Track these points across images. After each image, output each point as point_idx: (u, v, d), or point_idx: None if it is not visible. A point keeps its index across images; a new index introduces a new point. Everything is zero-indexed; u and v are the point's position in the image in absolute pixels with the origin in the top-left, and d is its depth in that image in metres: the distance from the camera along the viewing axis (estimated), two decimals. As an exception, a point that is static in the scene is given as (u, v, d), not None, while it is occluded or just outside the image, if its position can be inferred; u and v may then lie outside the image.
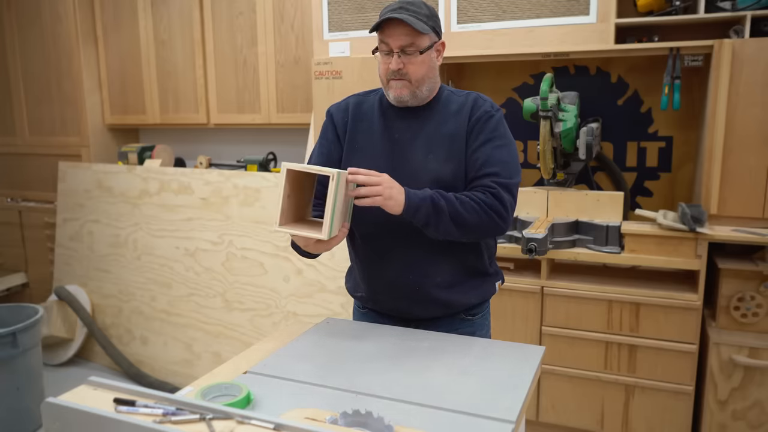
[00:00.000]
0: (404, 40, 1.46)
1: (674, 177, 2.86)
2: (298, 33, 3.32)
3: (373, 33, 1.51)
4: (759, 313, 2.31)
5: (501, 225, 1.47)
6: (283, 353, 1.44)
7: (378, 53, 1.52)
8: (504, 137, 1.53)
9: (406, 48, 1.46)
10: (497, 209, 1.45)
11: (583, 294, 2.46)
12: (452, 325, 1.61)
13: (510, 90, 3.08)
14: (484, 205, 1.43)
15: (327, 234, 1.33)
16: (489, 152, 1.49)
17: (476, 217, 1.43)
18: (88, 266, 3.76)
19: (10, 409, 2.80)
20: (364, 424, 1.05)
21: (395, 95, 1.51)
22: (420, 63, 1.48)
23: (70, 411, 0.98)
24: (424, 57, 1.49)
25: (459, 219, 1.41)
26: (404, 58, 1.47)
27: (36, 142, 4.16)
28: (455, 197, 1.43)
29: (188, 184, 3.42)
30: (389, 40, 1.47)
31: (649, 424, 2.45)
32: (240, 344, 3.16)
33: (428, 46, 1.49)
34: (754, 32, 2.34)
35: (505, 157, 1.50)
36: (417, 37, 1.46)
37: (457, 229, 1.43)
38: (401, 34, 1.45)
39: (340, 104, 1.66)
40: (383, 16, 1.46)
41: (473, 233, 1.47)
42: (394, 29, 1.46)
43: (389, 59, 1.49)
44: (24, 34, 4.04)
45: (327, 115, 1.66)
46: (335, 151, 1.61)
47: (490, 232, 1.49)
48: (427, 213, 1.40)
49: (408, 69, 1.48)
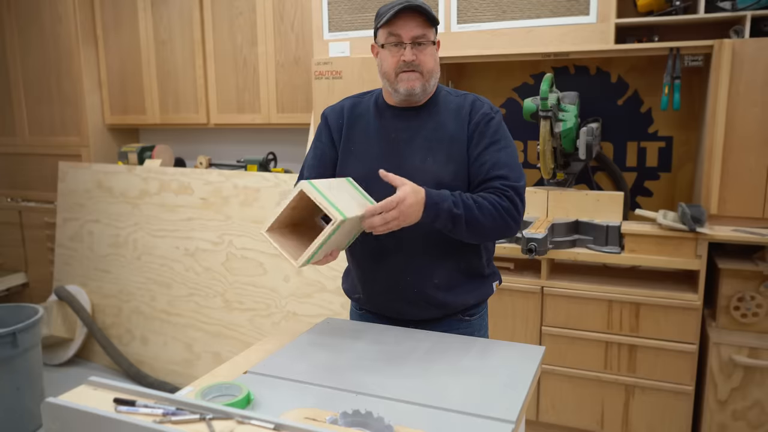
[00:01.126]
0: (417, 31, 1.47)
1: (674, 177, 2.86)
2: (298, 33, 3.32)
3: (367, 35, 1.51)
4: (759, 313, 2.31)
5: (514, 228, 1.49)
6: (283, 353, 1.44)
7: (381, 50, 1.52)
8: (506, 138, 1.54)
9: (419, 38, 1.47)
10: (512, 213, 1.46)
11: (583, 294, 2.46)
12: (450, 327, 1.60)
13: (510, 90, 3.08)
14: (501, 209, 1.44)
15: (302, 263, 1.33)
16: (495, 155, 1.50)
17: (492, 222, 1.44)
18: (88, 266, 3.76)
19: (10, 409, 2.80)
20: (364, 424, 1.05)
21: (406, 88, 1.50)
22: (430, 55, 1.50)
23: (70, 411, 0.98)
24: (433, 50, 1.51)
25: (475, 225, 1.43)
26: (416, 50, 1.48)
27: (36, 142, 4.16)
28: (474, 202, 1.43)
29: (188, 184, 3.42)
30: (401, 32, 1.47)
31: (649, 424, 2.45)
32: (240, 344, 3.16)
33: (435, 40, 1.51)
34: (754, 32, 2.34)
35: (510, 160, 1.52)
36: (428, 28, 1.48)
37: (471, 234, 1.45)
38: (414, 25, 1.46)
39: (334, 107, 1.66)
40: (394, 8, 1.45)
41: (486, 237, 1.50)
42: (407, 21, 1.46)
43: (399, 51, 1.48)
44: (24, 34, 4.04)
45: (322, 118, 1.66)
46: (329, 154, 1.62)
47: (502, 235, 1.50)
48: (444, 223, 1.41)
49: (420, 60, 1.48)
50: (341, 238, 1.40)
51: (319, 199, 1.29)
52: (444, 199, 1.40)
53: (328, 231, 1.29)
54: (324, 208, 1.28)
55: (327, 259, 1.43)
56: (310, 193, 1.30)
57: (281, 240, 1.38)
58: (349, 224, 1.35)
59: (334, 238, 1.34)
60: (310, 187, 1.31)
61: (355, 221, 1.36)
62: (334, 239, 1.35)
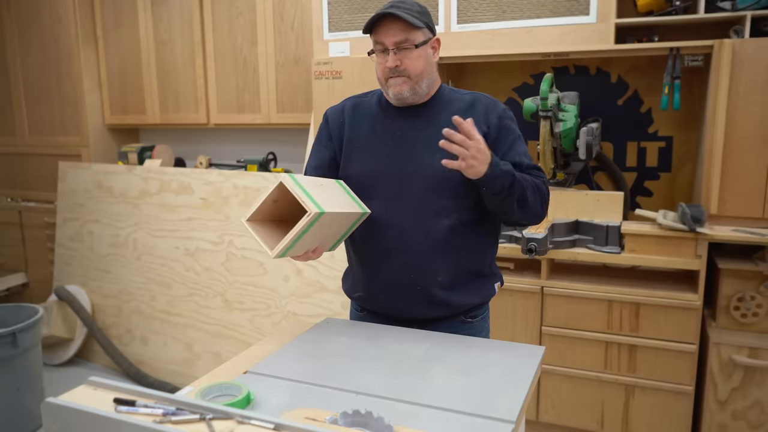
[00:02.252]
0: (398, 36, 1.47)
1: (674, 177, 2.86)
2: (298, 33, 3.32)
3: (367, 35, 1.51)
4: (759, 313, 2.31)
5: (542, 215, 1.56)
6: (283, 353, 1.44)
7: (374, 55, 1.53)
8: (520, 133, 1.61)
9: (401, 44, 1.48)
10: (546, 199, 1.55)
11: (583, 294, 2.46)
12: (451, 328, 1.60)
13: (510, 90, 3.08)
14: (541, 193, 1.52)
15: (276, 253, 1.32)
16: (521, 150, 1.56)
17: (533, 199, 1.49)
18: (88, 266, 3.76)
19: (10, 409, 2.80)
20: (364, 424, 1.05)
21: (395, 92, 1.52)
22: (416, 58, 1.49)
23: (70, 411, 0.98)
24: (420, 52, 1.50)
25: (523, 196, 1.46)
26: (400, 54, 1.48)
27: (36, 142, 4.16)
28: (531, 181, 1.49)
29: (188, 184, 3.42)
30: (383, 39, 1.48)
31: (649, 424, 2.45)
32: (240, 344, 3.16)
33: (423, 42, 1.50)
34: (754, 32, 2.34)
35: (526, 149, 1.59)
36: (410, 32, 1.47)
37: (517, 209, 1.47)
38: (395, 30, 1.47)
39: (336, 107, 1.67)
40: (375, 16, 1.47)
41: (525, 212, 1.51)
42: (387, 27, 1.47)
43: (385, 58, 1.50)
44: (24, 34, 4.04)
45: (323, 118, 1.67)
46: (329, 153, 1.63)
47: (535, 217, 1.55)
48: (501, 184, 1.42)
49: (405, 65, 1.49)
50: (323, 234, 1.40)
51: (296, 190, 1.30)
52: (504, 162, 1.43)
53: (304, 222, 1.28)
54: (300, 200, 1.29)
55: (309, 255, 1.43)
56: (288, 185, 1.31)
57: (262, 231, 1.37)
58: (331, 220, 1.35)
59: (313, 232, 1.33)
60: (290, 180, 1.32)
61: (340, 219, 1.36)
62: (313, 233, 1.34)
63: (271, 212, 1.40)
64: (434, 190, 1.51)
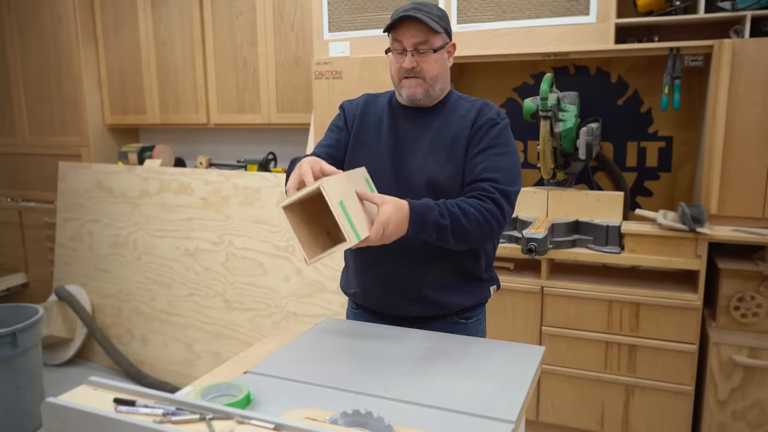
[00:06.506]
0: (418, 38, 1.48)
1: (674, 177, 2.86)
2: (298, 33, 3.32)
3: (380, 34, 1.53)
4: (759, 313, 2.31)
5: (497, 233, 1.48)
6: (283, 353, 1.44)
7: (390, 53, 1.55)
8: (507, 145, 1.53)
9: (420, 46, 1.49)
10: (497, 217, 1.44)
11: (583, 294, 2.46)
12: (445, 328, 1.60)
13: (510, 90, 3.08)
14: (486, 213, 1.42)
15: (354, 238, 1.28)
16: (490, 159, 1.49)
17: (477, 227, 1.42)
18: (88, 266, 3.76)
19: (10, 409, 2.80)
20: (364, 424, 1.05)
21: (408, 94, 1.53)
22: (433, 62, 1.51)
23: (70, 411, 0.98)
24: (437, 56, 1.52)
25: (461, 233, 1.41)
26: (417, 57, 1.50)
27: (36, 142, 4.16)
28: (459, 209, 1.40)
29: (188, 184, 3.42)
30: (403, 39, 1.49)
31: (649, 424, 2.45)
32: (240, 344, 3.16)
33: (441, 46, 1.51)
34: (754, 32, 2.34)
35: (506, 164, 1.50)
36: (430, 35, 1.49)
37: (457, 242, 1.43)
38: (415, 32, 1.48)
39: (353, 100, 1.71)
40: (396, 16, 1.49)
41: (471, 244, 1.48)
42: (407, 28, 1.49)
43: (402, 58, 1.51)
44: (24, 34, 4.03)
45: (339, 109, 1.71)
46: (343, 137, 1.65)
47: (485, 240, 1.51)
48: (429, 234, 1.40)
49: (422, 67, 1.50)
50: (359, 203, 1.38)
51: (297, 197, 1.28)
52: (429, 209, 1.38)
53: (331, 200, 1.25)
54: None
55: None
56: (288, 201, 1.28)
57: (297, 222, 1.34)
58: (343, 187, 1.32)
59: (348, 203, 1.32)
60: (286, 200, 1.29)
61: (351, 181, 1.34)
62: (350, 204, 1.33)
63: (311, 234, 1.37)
64: (430, 191, 1.51)
